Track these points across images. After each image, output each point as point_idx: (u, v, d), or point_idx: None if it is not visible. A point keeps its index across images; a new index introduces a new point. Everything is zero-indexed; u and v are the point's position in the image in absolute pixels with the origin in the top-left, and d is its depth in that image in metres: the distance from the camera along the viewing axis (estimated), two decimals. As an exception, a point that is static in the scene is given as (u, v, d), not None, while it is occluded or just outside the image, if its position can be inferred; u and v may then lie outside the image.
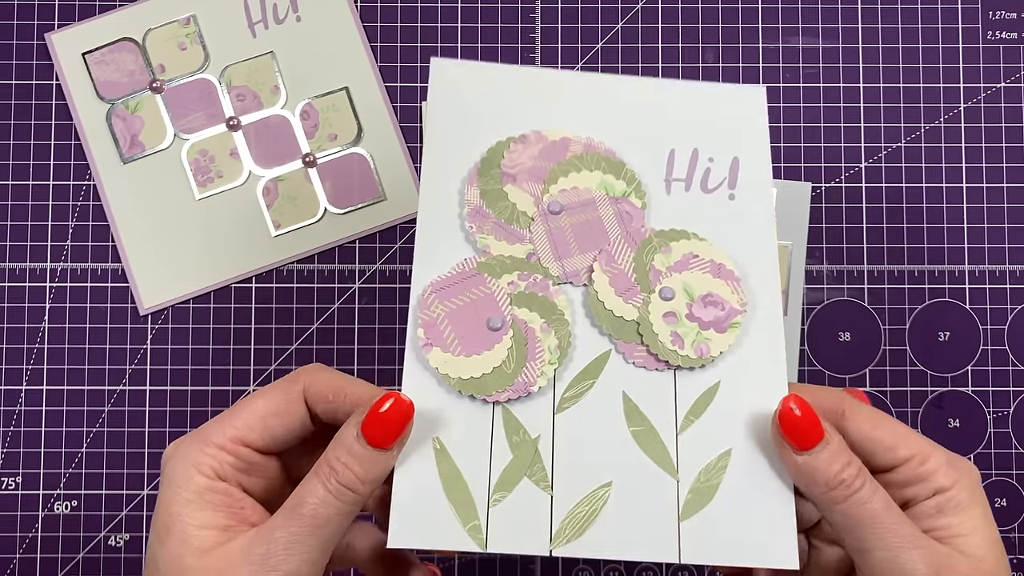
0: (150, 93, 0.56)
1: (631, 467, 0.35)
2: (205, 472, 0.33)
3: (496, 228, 0.38)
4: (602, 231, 0.38)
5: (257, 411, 0.35)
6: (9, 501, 0.54)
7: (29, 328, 0.55)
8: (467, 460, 0.35)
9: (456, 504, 0.34)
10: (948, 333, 0.55)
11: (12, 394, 0.55)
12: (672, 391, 0.37)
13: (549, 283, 0.38)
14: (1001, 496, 0.55)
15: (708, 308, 0.38)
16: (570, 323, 0.37)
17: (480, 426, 0.36)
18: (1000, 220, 0.56)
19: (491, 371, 0.36)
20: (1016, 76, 0.57)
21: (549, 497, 0.35)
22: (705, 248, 0.38)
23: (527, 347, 0.37)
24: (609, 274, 0.38)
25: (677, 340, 0.37)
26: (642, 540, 0.35)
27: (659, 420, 0.36)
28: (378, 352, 0.55)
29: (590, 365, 0.37)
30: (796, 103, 0.56)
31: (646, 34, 0.57)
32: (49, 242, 0.55)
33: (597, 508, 0.35)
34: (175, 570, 0.32)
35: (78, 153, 0.56)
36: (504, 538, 0.34)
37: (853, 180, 0.56)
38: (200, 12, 0.56)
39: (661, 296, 0.37)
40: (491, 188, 0.38)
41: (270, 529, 0.32)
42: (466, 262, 0.37)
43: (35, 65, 0.56)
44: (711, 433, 0.36)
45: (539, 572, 0.54)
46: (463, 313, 0.37)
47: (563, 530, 0.35)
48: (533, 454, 0.35)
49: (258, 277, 0.55)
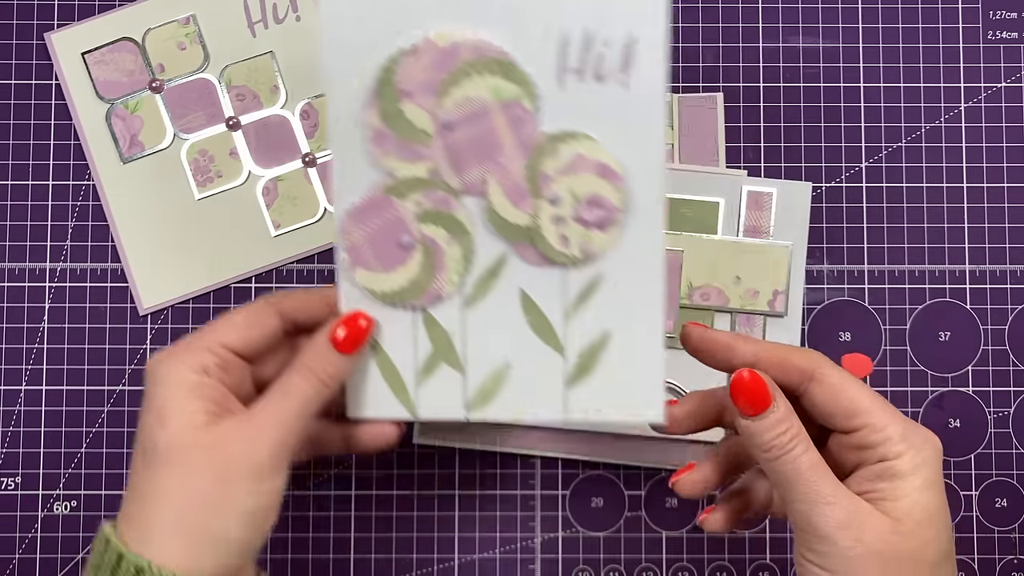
0: (150, 93, 0.56)
1: (527, 349, 0.42)
2: (195, 369, 0.39)
3: (398, 149, 0.42)
4: (496, 141, 0.41)
5: (237, 322, 0.41)
6: (8, 501, 0.54)
7: (28, 328, 0.55)
8: (397, 353, 0.43)
9: (392, 386, 0.43)
10: (948, 333, 0.55)
11: (11, 394, 0.55)
12: (561, 285, 0.42)
13: (451, 198, 0.42)
14: (1001, 496, 0.55)
15: (593, 209, 0.42)
16: (472, 233, 0.42)
17: (404, 327, 0.43)
18: (1000, 220, 0.56)
19: (408, 283, 0.43)
20: (1016, 76, 0.57)
21: (463, 376, 0.43)
22: (593, 148, 0.41)
23: (435, 259, 0.43)
24: (503, 184, 0.42)
25: (564, 242, 0.42)
26: (536, 403, 0.42)
27: (550, 310, 0.42)
28: (378, 352, 0.55)
29: (491, 267, 0.43)
30: (796, 103, 0.56)
31: (646, 34, 0.57)
32: (48, 242, 0.55)
33: (500, 382, 0.43)
34: (177, 446, 0.38)
35: (77, 153, 0.56)
36: (430, 408, 0.43)
37: (853, 180, 0.56)
38: (200, 12, 0.56)
39: (550, 202, 0.42)
40: (389, 108, 0.41)
41: (257, 412, 0.39)
42: (375, 187, 0.42)
43: (34, 65, 0.56)
44: (594, 318, 0.42)
45: (539, 572, 0.54)
46: (378, 235, 0.42)
47: (475, 400, 0.43)
48: (448, 344, 0.43)
49: (258, 277, 0.55)
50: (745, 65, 0.57)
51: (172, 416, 0.38)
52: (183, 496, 0.38)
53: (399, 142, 0.42)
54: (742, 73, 0.57)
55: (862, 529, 0.36)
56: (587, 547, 0.54)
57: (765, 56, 0.57)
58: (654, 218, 0.41)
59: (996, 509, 0.55)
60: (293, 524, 0.54)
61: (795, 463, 0.37)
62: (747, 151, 0.56)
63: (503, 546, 0.54)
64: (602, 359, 0.42)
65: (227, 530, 0.38)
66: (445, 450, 0.55)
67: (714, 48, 0.57)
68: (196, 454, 0.38)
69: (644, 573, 0.54)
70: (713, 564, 0.54)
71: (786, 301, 0.54)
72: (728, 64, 0.57)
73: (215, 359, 0.40)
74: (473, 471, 0.54)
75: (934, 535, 0.37)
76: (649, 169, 0.41)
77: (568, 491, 0.55)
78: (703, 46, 0.57)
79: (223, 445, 0.38)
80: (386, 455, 0.54)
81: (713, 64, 0.57)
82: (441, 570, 0.54)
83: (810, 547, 0.37)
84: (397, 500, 0.54)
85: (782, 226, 0.54)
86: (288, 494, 0.54)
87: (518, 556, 0.54)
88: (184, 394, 0.39)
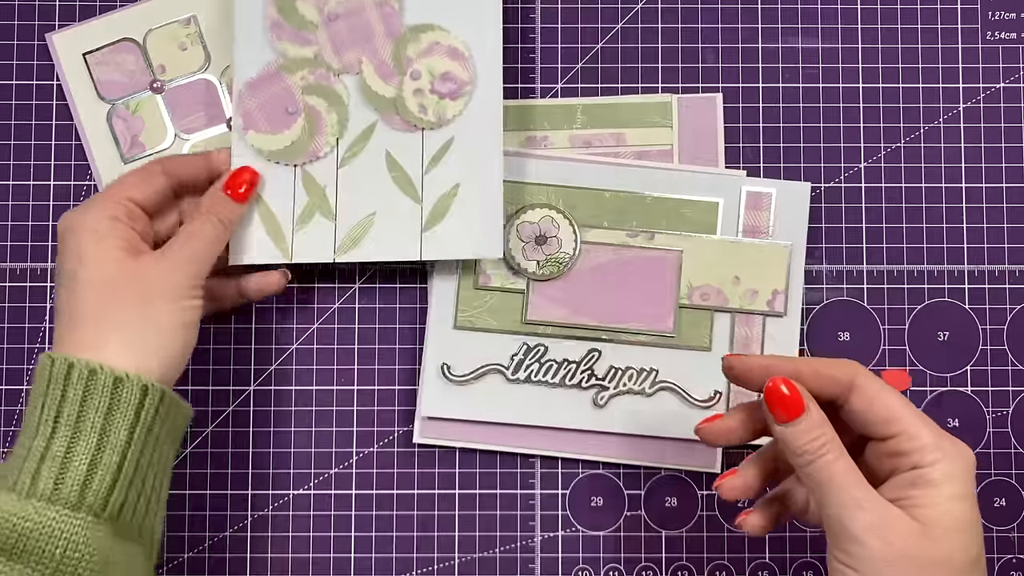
0: (151, 93, 0.56)
1: (389, 200, 0.51)
2: (106, 217, 0.45)
3: (291, 35, 0.52)
4: (369, 31, 0.52)
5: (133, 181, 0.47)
6: (10, 501, 0.54)
7: (30, 328, 0.55)
8: (277, 204, 0.51)
9: (271, 234, 0.51)
10: (947, 333, 0.55)
11: (13, 394, 0.55)
12: (420, 146, 0.51)
13: (331, 75, 0.52)
14: (1001, 496, 0.55)
15: (446, 83, 0.52)
16: (347, 104, 0.52)
17: (285, 182, 0.51)
18: (999, 220, 0.56)
19: (291, 144, 0.52)
20: (1016, 76, 0.57)
21: (334, 225, 0.51)
22: (445, 36, 0.52)
23: (316, 124, 0.52)
24: (374, 63, 0.52)
25: (423, 110, 0.52)
26: (396, 246, 0.51)
27: (410, 167, 0.51)
28: (378, 352, 0.55)
29: (362, 132, 0.52)
30: (796, 103, 0.56)
31: (646, 34, 0.57)
32: (50, 242, 0.55)
33: (366, 229, 0.51)
34: (102, 276, 0.44)
35: (79, 153, 0.56)
36: (303, 253, 0.51)
37: (853, 180, 0.56)
38: (201, 13, 0.56)
39: (411, 78, 0.52)
40: (285, 4, 0.52)
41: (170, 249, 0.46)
42: (269, 65, 0.52)
43: (35, 65, 0.56)
44: (446, 173, 0.51)
45: (539, 572, 0.54)
46: (269, 103, 0.52)
47: (343, 245, 0.51)
48: (323, 197, 0.51)
49: (258, 277, 0.55)
50: (744, 65, 0.57)
51: (91, 254, 0.44)
52: (118, 315, 0.43)
53: (291, 30, 0.52)
54: (741, 73, 0.57)
55: (892, 533, 0.37)
56: (587, 546, 0.54)
57: (764, 56, 0.57)
58: (494, 89, 0.52)
59: (995, 508, 0.55)
60: (293, 524, 0.54)
61: (828, 468, 0.38)
62: (746, 151, 0.56)
63: (503, 545, 0.54)
64: (452, 207, 0.51)
65: (161, 340, 0.44)
66: (445, 450, 0.55)
67: (714, 48, 0.57)
68: (121, 281, 0.44)
69: (644, 572, 0.54)
70: (713, 563, 0.54)
71: (785, 301, 0.54)
72: (728, 64, 0.57)
73: (122, 208, 0.45)
74: (473, 470, 0.55)
75: (963, 544, 0.38)
76: (489, 51, 0.52)
77: (568, 490, 0.55)
78: (703, 46, 0.57)
79: (144, 274, 0.44)
80: (387, 453, 0.54)
81: (713, 64, 0.57)
82: (441, 569, 0.54)
83: (842, 549, 0.38)
84: (397, 500, 0.54)
85: (781, 226, 0.54)
86: (288, 494, 0.54)
87: (518, 555, 0.54)
88: (100, 236, 0.44)
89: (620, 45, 0.57)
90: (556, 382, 0.53)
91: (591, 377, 0.53)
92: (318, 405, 0.55)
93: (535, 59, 0.56)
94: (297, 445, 0.55)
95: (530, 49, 0.57)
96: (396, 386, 0.55)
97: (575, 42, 0.57)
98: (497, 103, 0.51)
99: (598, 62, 0.57)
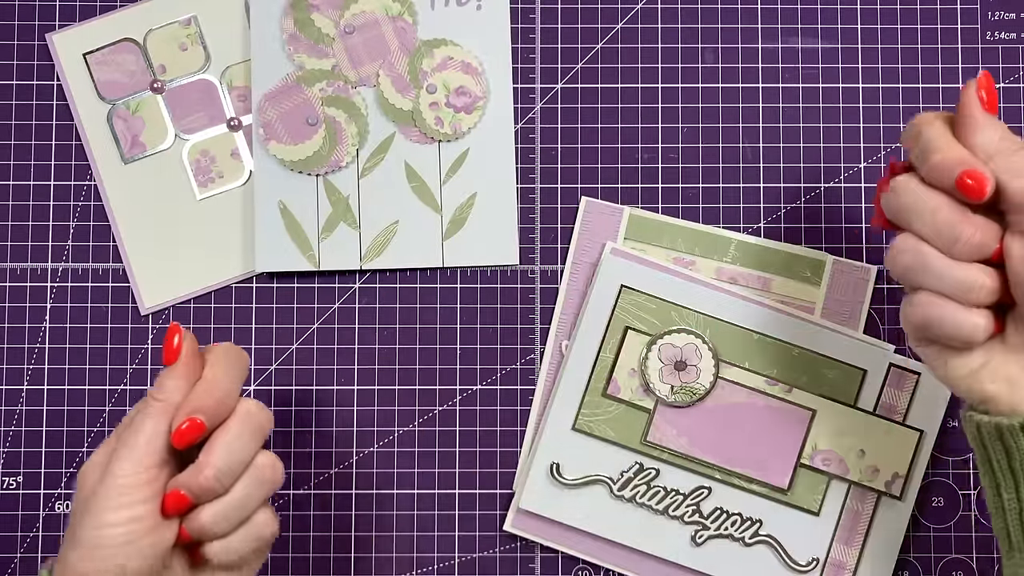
0: (151, 93, 0.56)
1: (410, 210, 0.54)
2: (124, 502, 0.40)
3: (308, 48, 0.54)
4: (384, 45, 0.54)
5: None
6: (10, 501, 0.54)
7: (30, 328, 0.55)
8: (302, 213, 0.54)
9: (297, 241, 0.53)
10: (947, 333, 0.55)
11: (13, 394, 0.55)
12: (437, 157, 0.54)
13: (349, 87, 0.54)
14: None
15: (460, 97, 0.54)
16: (366, 115, 0.54)
17: (308, 191, 0.54)
18: (999, 220, 0.56)
19: (312, 154, 0.54)
20: (1016, 76, 0.57)
21: (358, 233, 0.54)
22: (458, 51, 0.55)
23: (336, 135, 0.54)
24: (390, 77, 0.54)
25: (439, 122, 0.54)
26: (419, 253, 0.54)
27: (429, 177, 0.54)
28: (378, 352, 0.55)
29: (381, 144, 0.54)
30: (796, 103, 0.56)
31: (646, 34, 0.57)
32: (50, 242, 0.55)
33: (389, 237, 0.54)
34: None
35: (79, 153, 0.56)
36: (330, 260, 0.53)
37: (853, 180, 0.56)
38: (201, 13, 0.56)
39: (427, 91, 0.54)
40: (301, 17, 0.54)
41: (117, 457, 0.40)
42: (288, 76, 0.54)
43: (36, 65, 0.56)
44: (463, 183, 0.54)
45: (539, 571, 0.54)
46: (289, 114, 0.54)
47: (368, 253, 0.54)
48: (346, 206, 0.54)
49: (258, 277, 0.55)
50: (744, 65, 0.57)
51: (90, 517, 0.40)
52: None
53: (308, 43, 0.54)
54: (741, 73, 0.57)
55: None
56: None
57: (764, 56, 0.57)
58: (505, 102, 0.55)
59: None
60: (293, 524, 0.54)
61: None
62: (746, 152, 0.56)
63: (503, 545, 0.54)
64: (470, 216, 0.54)
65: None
66: (445, 450, 0.55)
67: (714, 48, 0.57)
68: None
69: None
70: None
71: (904, 485, 0.52)
72: (728, 64, 0.57)
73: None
74: (473, 470, 0.55)
75: None
76: (500, 66, 0.55)
77: (568, 490, 0.55)
78: (703, 46, 0.57)
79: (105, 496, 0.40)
80: (387, 453, 0.54)
81: (713, 64, 0.57)
82: (441, 569, 0.54)
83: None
84: (397, 499, 0.54)
85: (919, 410, 0.53)
86: (288, 494, 0.54)
87: (518, 555, 0.54)
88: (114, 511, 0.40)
89: (620, 45, 0.57)
90: (660, 509, 0.52)
91: (695, 513, 0.52)
92: (318, 405, 0.55)
93: (535, 59, 0.56)
94: (297, 445, 0.55)
95: (530, 49, 0.57)
96: (396, 386, 0.55)
97: (575, 42, 0.57)
98: (508, 116, 0.55)
99: (598, 62, 0.57)
